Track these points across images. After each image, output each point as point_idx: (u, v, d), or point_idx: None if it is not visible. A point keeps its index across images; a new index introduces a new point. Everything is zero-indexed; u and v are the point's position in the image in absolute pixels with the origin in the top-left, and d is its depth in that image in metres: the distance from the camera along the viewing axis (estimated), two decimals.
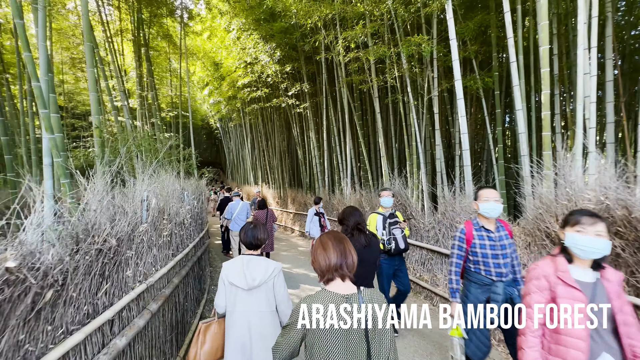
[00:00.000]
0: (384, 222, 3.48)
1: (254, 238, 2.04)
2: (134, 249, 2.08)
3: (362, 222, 2.45)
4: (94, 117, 3.84)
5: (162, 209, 2.67)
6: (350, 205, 2.62)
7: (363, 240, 2.36)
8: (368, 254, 2.35)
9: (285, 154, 15.24)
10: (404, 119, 7.16)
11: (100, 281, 1.67)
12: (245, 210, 6.55)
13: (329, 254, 1.40)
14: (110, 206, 1.85)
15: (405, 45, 5.41)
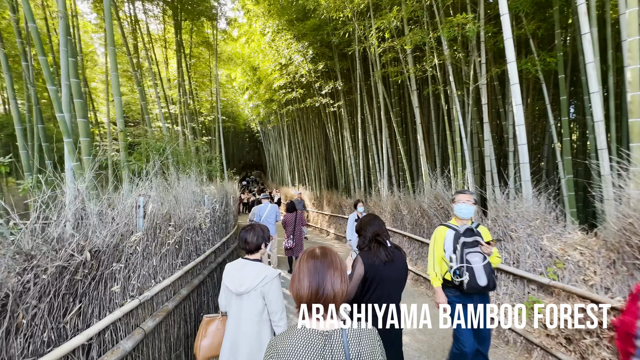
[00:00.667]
0: (455, 241, 2.40)
1: (242, 241, 2.00)
2: (124, 260, 1.87)
3: (383, 233, 2.07)
4: (118, 120, 3.89)
5: (166, 215, 2.48)
6: (369, 213, 2.26)
7: (383, 255, 1.97)
8: (391, 272, 1.97)
9: (320, 154, 14.99)
10: (446, 113, 6.41)
11: (71, 301, 1.47)
12: (274, 213, 6.34)
13: (301, 278, 1.09)
14: (90, 214, 1.66)
15: (446, 28, 4.75)
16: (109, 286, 1.72)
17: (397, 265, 2.00)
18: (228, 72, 19.27)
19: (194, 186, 3.59)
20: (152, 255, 2.16)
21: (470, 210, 2.49)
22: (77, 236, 1.43)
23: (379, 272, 1.93)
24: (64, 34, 3.07)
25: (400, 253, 2.08)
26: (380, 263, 1.94)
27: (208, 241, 3.61)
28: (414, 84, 6.67)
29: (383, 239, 2.03)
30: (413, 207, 6.36)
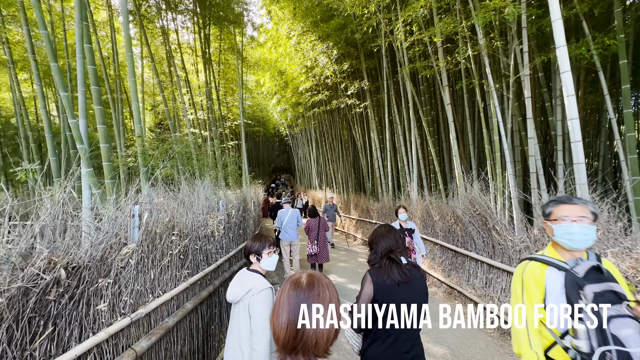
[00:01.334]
0: (573, 291, 1.25)
1: (244, 248, 2.01)
2: (113, 275, 1.72)
3: (399, 248, 1.74)
4: (136, 126, 3.90)
5: (169, 223, 2.33)
6: (384, 224, 1.94)
7: (397, 274, 1.65)
8: (406, 294, 1.65)
9: (347, 157, 14.66)
10: (482, 110, 5.82)
11: (42, 324, 1.32)
12: (295, 218, 6.14)
13: (279, 312, 0.87)
14: (67, 225, 1.52)
15: (481, 13, 4.25)
16: (93, 305, 1.57)
17: (415, 287, 1.67)
18: (257, 78, 19.63)
19: (208, 191, 3.47)
20: (148, 268, 2.01)
21: (590, 235, 1.35)
22: (45, 252, 1.29)
23: (392, 294, 1.62)
24: (80, 41, 3.11)
25: (418, 272, 1.75)
26: (392, 283, 1.63)
27: (222, 249, 3.45)
28: (446, 79, 6.15)
29: (397, 256, 1.70)
30: (445, 212, 5.83)
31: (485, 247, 4.58)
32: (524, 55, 4.84)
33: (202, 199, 3.24)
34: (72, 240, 1.49)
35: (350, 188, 14.32)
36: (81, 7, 3.08)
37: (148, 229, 2.05)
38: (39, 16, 3.03)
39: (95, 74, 3.50)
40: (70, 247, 1.45)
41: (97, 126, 3.50)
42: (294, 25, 11.34)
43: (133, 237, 1.89)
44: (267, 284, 1.73)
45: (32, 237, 1.33)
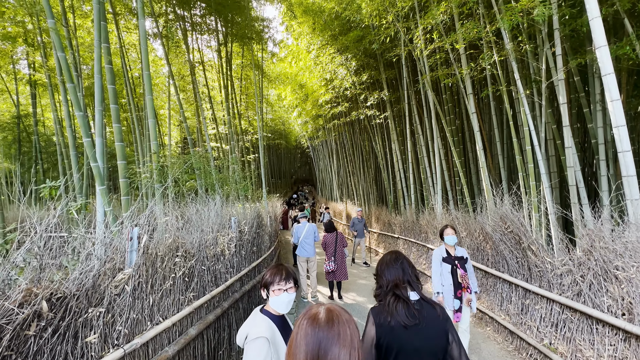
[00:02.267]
0: None
1: None
2: (106, 303, 1.62)
3: (405, 282, 1.44)
4: (152, 142, 3.95)
5: (172, 244, 2.23)
6: (391, 251, 1.61)
7: (402, 315, 1.34)
8: (416, 339, 1.33)
9: (368, 168, 14.38)
10: (511, 117, 5.43)
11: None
12: (312, 234, 5.95)
13: (295, 352, 0.81)
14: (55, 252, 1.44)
15: (507, 16, 3.97)
16: (81, 337, 1.47)
17: (428, 331, 1.36)
18: (278, 92, 20.02)
19: (219, 208, 3.39)
20: (147, 294, 1.90)
21: None
22: (23, 283, 1.20)
23: (398, 338, 1.34)
24: (99, 62, 3.22)
25: (434, 311, 1.42)
26: (398, 325, 1.34)
27: (232, 268, 3.33)
28: (470, 87, 5.83)
29: (403, 293, 1.40)
30: (473, 228, 5.41)
31: (520, 269, 4.14)
32: (557, 59, 4.46)
33: (212, 216, 3.16)
34: (60, 267, 1.41)
35: (372, 200, 13.97)
36: (100, 30, 3.20)
37: (148, 251, 1.95)
38: (56, 39, 3.18)
39: (115, 94, 3.59)
40: (55, 276, 1.36)
41: (115, 144, 3.56)
42: (313, 39, 11.47)
43: (130, 261, 1.80)
44: (261, 333, 1.42)
45: (12, 268, 1.25)
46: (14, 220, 7.26)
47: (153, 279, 1.99)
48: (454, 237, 3.42)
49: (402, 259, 1.53)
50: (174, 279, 2.18)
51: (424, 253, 7.49)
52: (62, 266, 1.45)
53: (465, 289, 3.32)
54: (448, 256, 3.40)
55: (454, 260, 3.38)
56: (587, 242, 3.19)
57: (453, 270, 3.34)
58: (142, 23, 3.89)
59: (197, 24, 10.26)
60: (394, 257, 1.54)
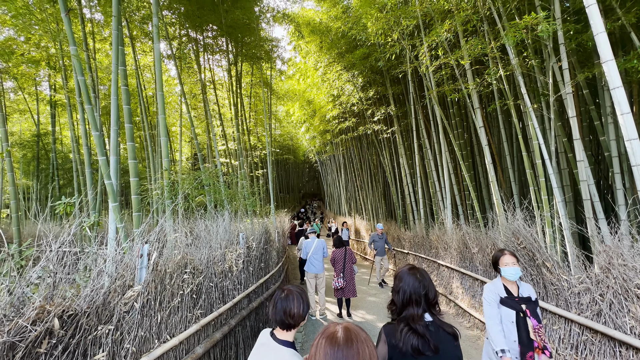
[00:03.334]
0: None
1: (285, 314, 1.40)
2: (115, 321, 1.63)
3: (427, 302, 1.38)
4: (164, 160, 4.06)
5: (181, 261, 2.25)
6: (407, 266, 1.52)
7: (415, 343, 1.29)
8: None
9: (376, 183, 14.34)
10: (520, 131, 5.39)
11: None
12: (321, 249, 5.90)
13: None
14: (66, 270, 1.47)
15: (511, 32, 4.02)
16: (90, 355, 1.47)
17: (444, 356, 1.30)
18: (287, 108, 20.41)
19: (228, 224, 3.42)
20: (155, 311, 1.91)
21: None
22: (38, 300, 1.23)
23: None
24: (115, 83, 3.39)
25: (449, 337, 1.35)
26: (408, 351, 1.29)
27: (240, 284, 3.32)
28: (477, 102, 5.84)
29: (418, 327, 1.31)
30: (484, 244, 5.29)
31: (535, 287, 4.00)
32: (564, 73, 4.46)
33: (220, 232, 3.19)
34: (73, 284, 1.44)
35: (380, 215, 13.85)
36: (118, 54, 3.38)
37: (158, 268, 1.98)
38: (77, 64, 3.38)
39: (129, 113, 3.74)
40: (67, 293, 1.39)
41: (128, 161, 3.68)
42: (321, 57, 11.75)
43: (140, 278, 1.83)
44: None
45: (27, 285, 1.29)
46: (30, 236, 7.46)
47: (162, 296, 2.00)
48: (517, 268, 2.31)
49: (417, 274, 1.44)
50: (182, 295, 2.19)
51: (435, 269, 7.32)
52: (74, 283, 1.49)
53: (539, 349, 2.22)
54: (509, 297, 2.32)
55: (520, 304, 2.27)
56: (605, 259, 3.08)
57: (519, 319, 2.26)
58: (157, 47, 4.09)
59: (209, 45, 10.67)
60: (409, 271, 1.47)
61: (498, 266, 2.43)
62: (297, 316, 1.39)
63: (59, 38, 5.94)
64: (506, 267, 2.37)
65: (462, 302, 5.74)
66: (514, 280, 2.39)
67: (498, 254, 2.44)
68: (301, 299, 1.43)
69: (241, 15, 8.98)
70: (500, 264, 2.40)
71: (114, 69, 3.40)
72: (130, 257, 1.86)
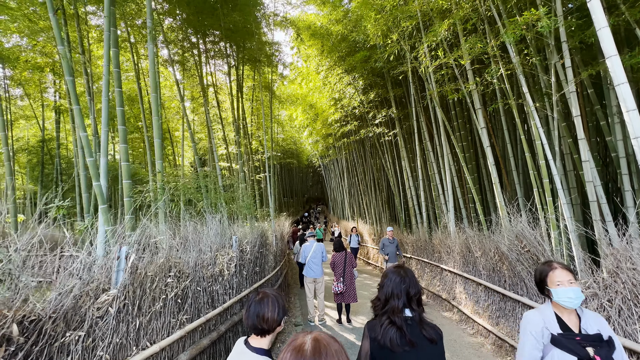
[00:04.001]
0: None
1: (258, 318, 1.33)
2: (87, 326, 1.55)
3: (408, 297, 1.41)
4: (157, 162, 4.02)
5: (164, 264, 2.17)
6: (394, 266, 1.56)
7: (393, 336, 1.31)
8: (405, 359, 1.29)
9: (378, 186, 14.21)
10: (523, 132, 5.26)
11: None
12: (320, 253, 5.79)
13: None
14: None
15: (511, 29, 3.93)
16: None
17: (419, 353, 1.32)
18: (289, 113, 20.45)
19: (220, 226, 3.34)
20: (133, 316, 1.83)
21: None
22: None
23: (387, 356, 1.32)
24: (107, 85, 3.36)
25: (433, 332, 1.37)
26: (386, 345, 1.31)
27: (232, 289, 3.23)
28: (478, 102, 5.73)
29: (397, 319, 1.34)
30: (488, 248, 5.14)
31: None
32: (567, 71, 4.34)
33: (211, 235, 3.11)
34: (39, 287, 1.36)
35: (383, 219, 13.69)
36: (110, 56, 3.37)
37: (138, 271, 1.90)
38: (65, 64, 3.37)
39: (122, 115, 3.70)
40: (29, 296, 1.32)
41: (121, 163, 3.63)
42: (322, 60, 11.79)
43: (116, 281, 1.75)
44: None
45: None
46: None
47: (141, 301, 1.91)
48: (577, 288, 1.51)
49: (401, 273, 1.46)
50: (164, 300, 2.11)
51: (438, 274, 7.15)
52: (44, 286, 1.41)
53: None
54: (566, 334, 1.51)
55: (584, 346, 1.46)
56: (613, 263, 2.93)
57: None
58: (151, 48, 4.07)
59: (210, 50, 10.73)
60: (396, 270, 1.49)
61: (546, 286, 1.59)
62: (271, 321, 1.33)
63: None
64: (560, 288, 1.52)
65: (466, 308, 5.57)
66: (572, 305, 1.51)
67: (545, 269, 1.62)
68: (276, 302, 1.37)
69: (242, 20, 9.03)
70: (550, 284, 1.57)
71: (106, 71, 3.37)
72: (108, 260, 1.78)
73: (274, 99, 16.49)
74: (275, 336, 1.43)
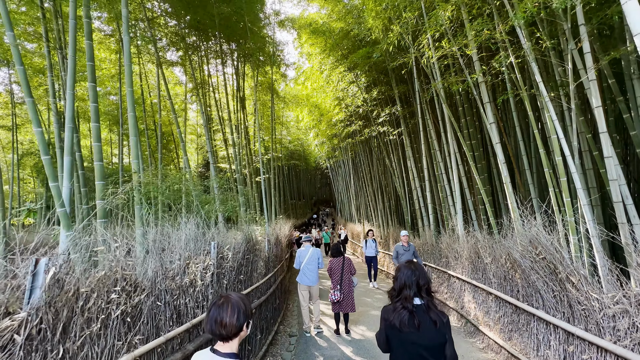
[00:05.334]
0: None
1: (216, 324, 1.28)
2: None
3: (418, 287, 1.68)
4: (132, 161, 3.74)
5: (105, 278, 1.85)
6: (406, 261, 1.84)
7: (403, 318, 1.60)
8: (413, 337, 1.60)
9: (385, 187, 13.77)
10: (537, 127, 4.80)
11: None
12: (315, 259, 5.42)
13: None
14: None
15: (521, 9, 3.50)
16: None
17: (426, 332, 1.61)
18: (295, 114, 20.24)
19: (194, 230, 3.02)
20: (55, 344, 1.51)
21: None
22: None
23: (398, 334, 1.64)
24: (72, 79, 3.11)
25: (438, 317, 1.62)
26: (398, 326, 1.61)
27: (206, 301, 2.89)
28: (486, 95, 5.28)
29: (406, 303, 1.63)
30: (498, 254, 4.68)
31: (559, 306, 3.38)
32: (586, 57, 3.88)
33: (183, 241, 2.79)
34: None
35: (390, 221, 13.22)
36: (75, 46, 3.13)
37: (64, 288, 1.58)
38: (15, 53, 3.12)
39: (96, 112, 3.45)
40: None
41: (94, 163, 3.37)
42: (324, 59, 11.53)
43: (27, 302, 1.43)
44: None
45: None
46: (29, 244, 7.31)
47: (70, 323, 1.60)
48: None
49: (412, 267, 1.73)
50: (105, 320, 1.79)
51: (445, 281, 6.68)
52: None
53: None
54: None
55: None
56: None
57: None
58: (127, 40, 3.80)
59: (213, 52, 10.58)
60: (407, 264, 1.76)
61: None
62: (229, 326, 1.27)
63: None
64: None
65: (475, 319, 5.11)
66: None
67: None
68: (237, 307, 1.29)
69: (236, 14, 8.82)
70: None
71: (71, 65, 3.10)
72: (24, 275, 1.48)
73: (278, 100, 16.29)
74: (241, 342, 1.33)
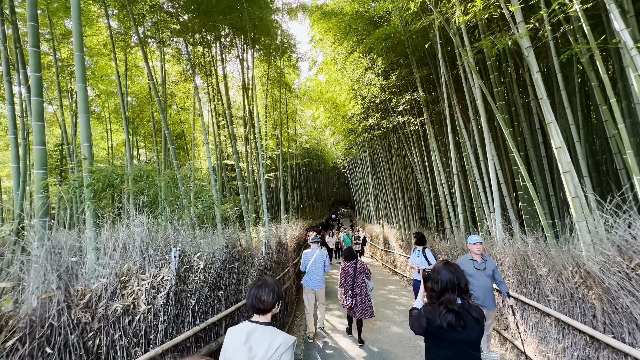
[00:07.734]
0: None
1: (254, 299, 1.59)
2: None
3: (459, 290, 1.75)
4: (83, 144, 2.98)
5: None
6: (443, 261, 1.84)
7: (450, 320, 1.67)
8: (457, 335, 1.70)
9: (406, 185, 12.62)
10: (614, 93, 3.64)
11: None
12: (321, 262, 4.63)
13: None
14: None
15: None
16: None
17: (469, 330, 1.70)
18: (311, 112, 19.53)
19: (143, 234, 2.20)
20: None
21: None
22: None
23: (442, 335, 1.72)
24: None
25: (478, 314, 1.74)
26: (443, 326, 1.68)
27: (155, 332, 2.06)
28: (534, 64, 4.14)
29: (450, 305, 1.69)
30: (560, 264, 3.56)
31: None
32: None
33: (119, 248, 1.98)
34: None
35: (412, 222, 12.06)
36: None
37: None
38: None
39: (38, 82, 2.73)
40: None
41: (33, 147, 2.66)
42: (338, 48, 10.68)
43: None
44: (292, 337, 1.53)
45: None
46: None
47: None
48: None
49: (451, 268, 1.78)
50: None
51: None
52: None
53: None
54: None
55: None
56: None
57: None
58: None
59: (225, 47, 10.01)
60: (444, 263, 1.82)
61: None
62: (266, 302, 1.58)
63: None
64: None
65: (525, 345, 4.00)
66: None
67: None
68: (272, 289, 1.60)
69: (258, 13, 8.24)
70: None
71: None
72: None
73: (292, 96, 15.55)
74: None
